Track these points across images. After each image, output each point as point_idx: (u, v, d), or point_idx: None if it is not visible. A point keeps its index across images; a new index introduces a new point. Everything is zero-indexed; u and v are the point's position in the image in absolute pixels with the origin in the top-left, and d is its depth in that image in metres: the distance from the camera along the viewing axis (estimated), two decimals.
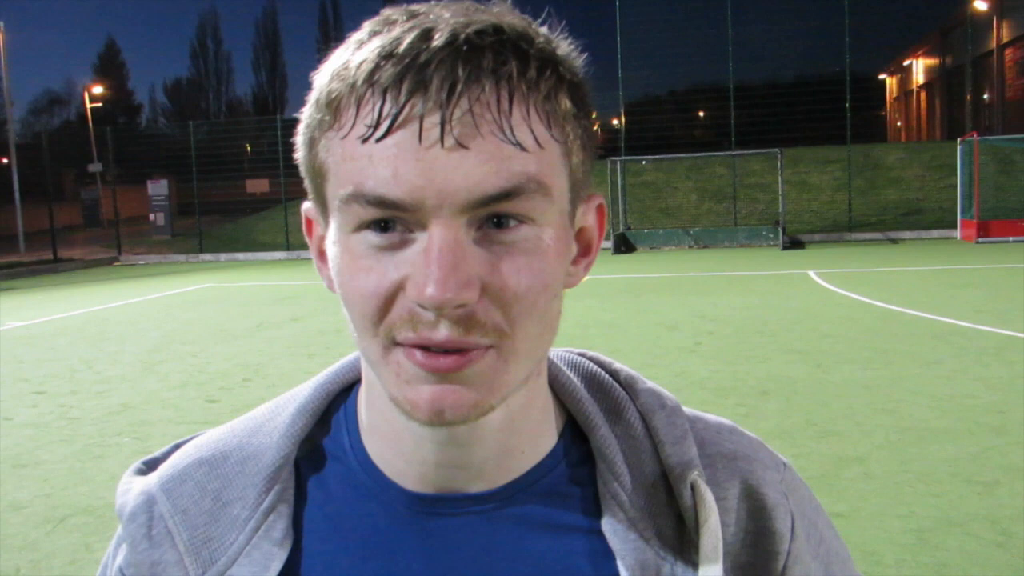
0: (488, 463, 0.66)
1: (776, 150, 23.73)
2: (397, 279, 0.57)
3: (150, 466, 0.76)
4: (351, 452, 0.70)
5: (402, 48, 0.56)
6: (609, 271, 18.04)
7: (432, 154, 0.55)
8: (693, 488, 0.68)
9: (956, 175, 22.95)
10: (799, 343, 9.07)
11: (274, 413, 0.73)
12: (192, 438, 0.76)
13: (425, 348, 0.57)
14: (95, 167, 35.29)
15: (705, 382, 7.49)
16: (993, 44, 38.33)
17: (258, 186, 32.13)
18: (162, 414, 7.19)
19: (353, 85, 0.57)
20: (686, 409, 0.75)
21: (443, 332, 0.57)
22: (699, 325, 10.52)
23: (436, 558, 0.66)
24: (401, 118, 0.55)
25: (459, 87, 0.55)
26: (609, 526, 0.67)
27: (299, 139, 0.62)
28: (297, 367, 8.84)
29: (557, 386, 0.72)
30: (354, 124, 0.57)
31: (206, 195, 30.70)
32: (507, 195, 0.56)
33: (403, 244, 0.57)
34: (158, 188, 31.87)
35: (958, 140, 23.57)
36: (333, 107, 0.58)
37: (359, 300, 0.58)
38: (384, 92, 0.56)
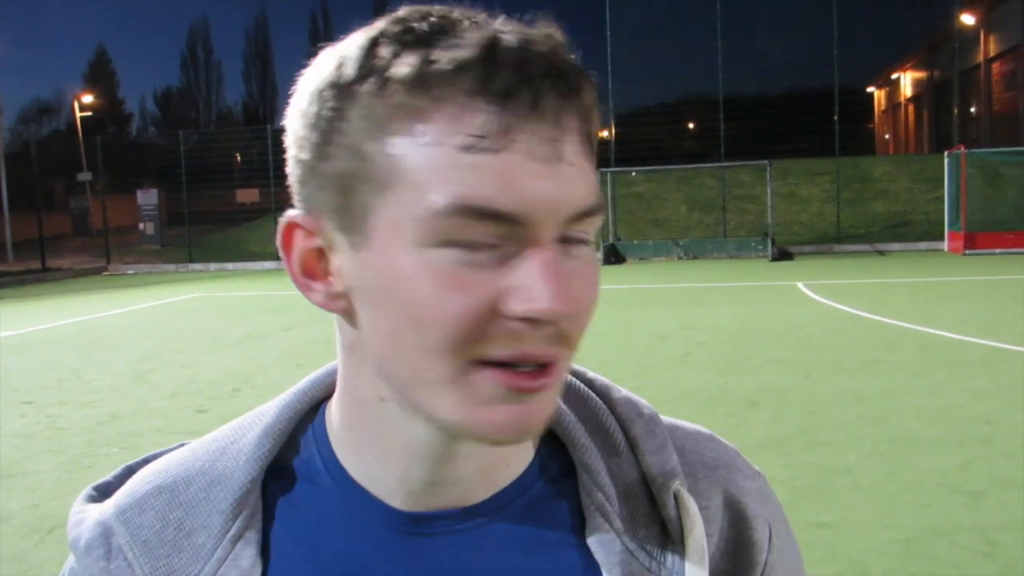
0: (475, 477, 0.65)
1: (765, 162, 23.85)
2: (494, 294, 0.54)
3: (102, 492, 0.72)
4: (325, 471, 0.67)
5: (506, 56, 0.53)
6: (599, 282, 18.07)
7: (541, 169, 0.54)
8: (676, 498, 0.67)
9: (944, 187, 23.10)
10: (788, 354, 9.10)
11: (238, 435, 0.69)
12: (146, 460, 0.72)
13: (510, 367, 0.56)
14: (84, 176, 35.16)
15: (695, 393, 7.51)
16: (980, 58, 38.64)
17: (248, 195, 32.10)
18: (151, 424, 7.16)
19: (447, 89, 0.53)
20: (662, 417, 0.74)
21: (540, 347, 0.56)
22: (689, 336, 10.55)
23: None
24: (515, 131, 0.53)
25: (561, 102, 0.55)
26: (594, 538, 0.66)
27: (313, 141, 0.57)
28: (287, 377, 8.83)
29: None
30: (453, 132, 0.53)
31: (196, 204, 30.64)
32: (592, 211, 0.57)
33: (497, 260, 0.55)
34: (148, 197, 31.79)
35: (945, 153, 23.74)
36: (409, 111, 0.54)
37: (448, 319, 0.54)
38: (498, 102, 0.53)
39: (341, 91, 0.56)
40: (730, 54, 29.82)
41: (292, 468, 0.68)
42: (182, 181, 29.44)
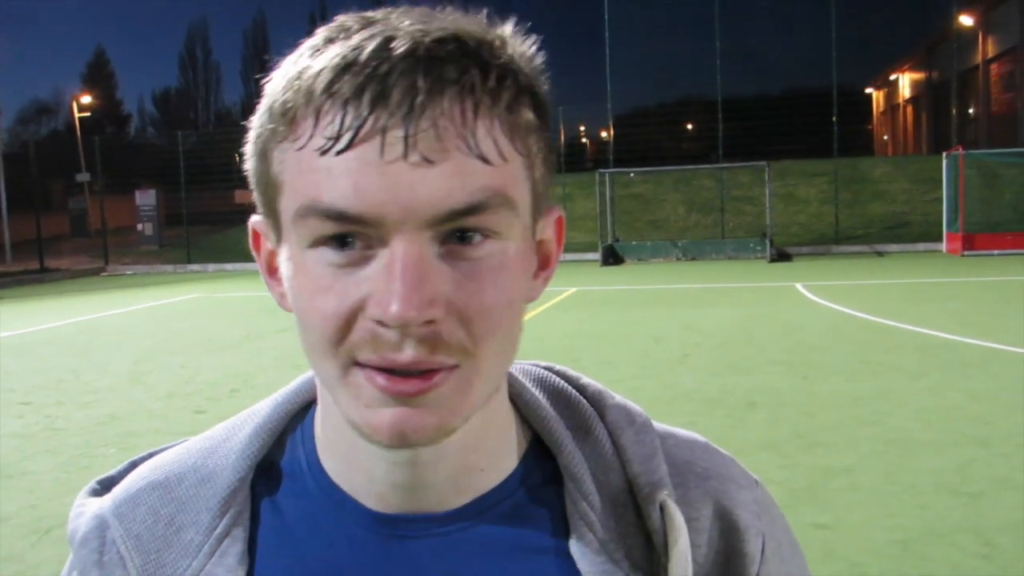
0: (447, 483, 0.64)
1: (763, 163, 23.88)
2: (358, 298, 0.55)
3: (105, 486, 0.73)
4: (308, 473, 0.68)
5: (363, 57, 0.54)
6: (597, 283, 18.08)
7: (395, 168, 0.53)
8: (662, 508, 0.66)
9: (942, 188, 23.13)
10: (786, 355, 9.11)
11: (231, 433, 0.71)
12: (149, 455, 0.73)
13: (388, 371, 0.55)
14: (83, 177, 35.15)
15: (693, 394, 7.51)
16: (979, 59, 38.70)
17: (246, 196, 30.93)
18: (149, 424, 7.16)
19: (311, 95, 0.54)
20: (657, 425, 0.72)
21: (408, 353, 0.54)
22: (687, 337, 10.56)
23: None
24: (364, 131, 0.53)
25: (421, 99, 0.53)
26: (577, 548, 0.65)
27: (249, 149, 0.60)
28: (285, 378, 8.76)
29: (521, 403, 0.69)
30: (312, 136, 0.55)
31: (194, 205, 30.64)
32: (473, 209, 0.54)
33: (363, 261, 0.55)
34: (146, 198, 31.80)
35: (944, 154, 23.77)
36: (289, 117, 0.56)
37: (318, 321, 0.56)
38: (345, 103, 0.53)
39: (263, 100, 0.59)
40: (728, 55, 29.88)
41: (279, 468, 0.69)
42: (180, 182, 29.43)
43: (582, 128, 43.83)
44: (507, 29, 0.61)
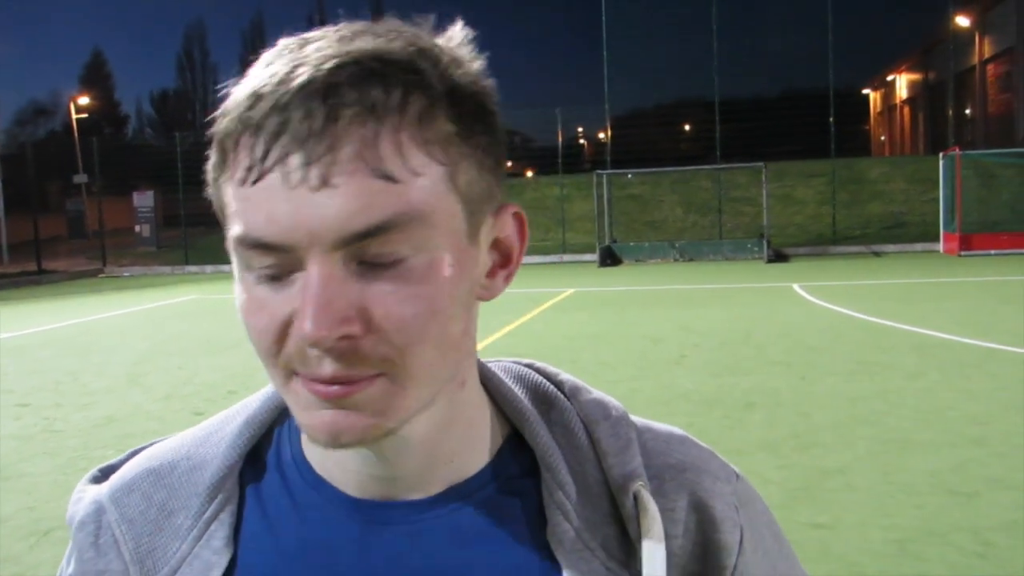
0: (418, 473, 0.66)
1: (761, 164, 23.91)
2: (286, 316, 0.58)
3: (106, 473, 0.76)
4: (292, 463, 0.70)
5: (268, 88, 0.56)
6: (595, 284, 18.09)
7: (299, 195, 0.55)
8: (636, 499, 0.67)
9: (939, 189, 23.18)
10: (783, 356, 9.13)
11: (223, 424, 0.74)
12: (150, 444, 0.77)
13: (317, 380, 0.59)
14: (80, 178, 35.15)
15: (690, 394, 7.52)
16: (975, 59, 38.76)
17: None
18: (147, 426, 7.17)
19: (231, 126, 0.57)
20: (636, 419, 0.74)
21: (327, 369, 0.57)
22: (684, 338, 10.57)
23: (376, 568, 0.66)
24: (269, 161, 0.55)
25: (318, 124, 0.55)
26: (555, 537, 0.66)
27: (208, 176, 0.63)
28: None
29: (499, 397, 0.71)
30: (236, 167, 0.57)
31: (192, 207, 30.57)
32: (377, 230, 0.55)
33: (290, 283, 0.57)
34: (144, 199, 31.80)
35: (941, 154, 23.82)
36: (220, 148, 0.59)
37: (255, 336, 0.59)
38: (254, 134, 0.56)
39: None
40: (726, 56, 29.93)
41: (266, 458, 0.72)
42: (178, 183, 29.43)
43: (580, 129, 43.87)
44: (453, 34, 0.62)
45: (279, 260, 0.57)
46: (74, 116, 48.17)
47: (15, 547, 4.72)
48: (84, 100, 51.29)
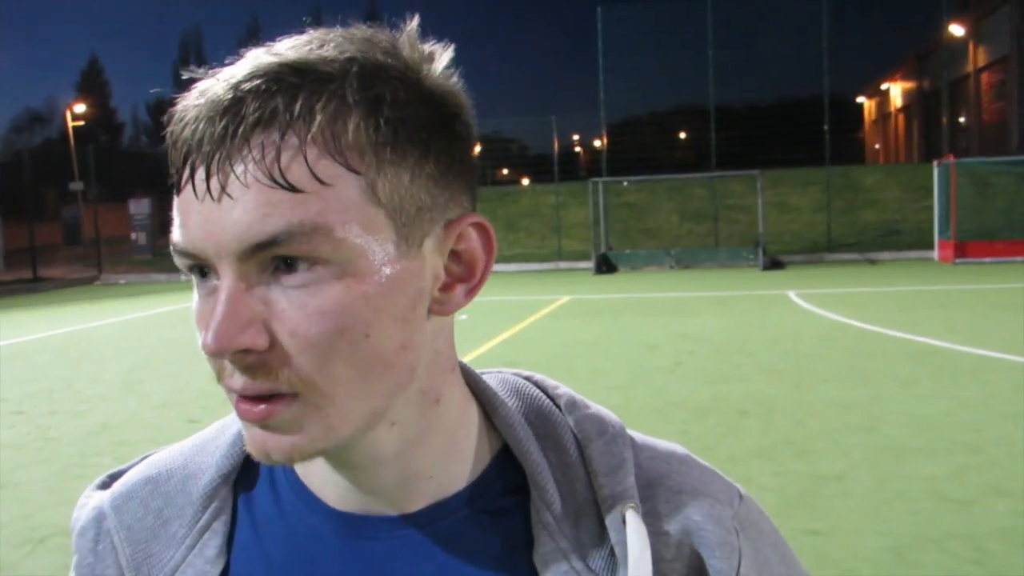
0: (397, 488, 0.66)
1: (756, 171, 23.95)
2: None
3: (113, 479, 0.77)
4: (282, 473, 0.70)
5: (191, 102, 0.58)
6: (591, 291, 18.11)
7: (207, 206, 0.56)
8: (625, 520, 0.65)
9: (933, 197, 23.22)
10: (778, 363, 9.14)
11: (219, 432, 0.74)
12: (154, 452, 0.77)
13: (242, 396, 0.59)
14: (76, 186, 35.08)
15: (685, 402, 7.53)
16: (970, 68, 38.90)
17: None
18: (142, 434, 7.16)
19: (167, 140, 0.59)
20: (638, 436, 0.72)
21: (238, 381, 0.58)
22: (679, 345, 10.58)
23: None
24: (184, 175, 0.57)
25: (221, 136, 0.55)
26: (540, 556, 0.65)
27: None
28: None
29: (490, 410, 0.70)
30: (171, 178, 0.60)
31: None
32: (276, 241, 0.55)
33: (214, 291, 0.58)
34: (140, 207, 31.77)
35: (935, 162, 23.87)
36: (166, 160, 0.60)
37: (201, 350, 0.60)
38: (175, 147, 0.58)
39: None
40: (721, 64, 29.97)
41: (259, 468, 0.72)
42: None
43: (575, 137, 43.92)
44: (407, 30, 0.62)
45: (203, 269, 0.59)
46: (70, 123, 48.13)
47: (10, 555, 4.71)
48: (80, 108, 51.27)
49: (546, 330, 12.46)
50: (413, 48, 0.61)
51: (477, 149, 0.66)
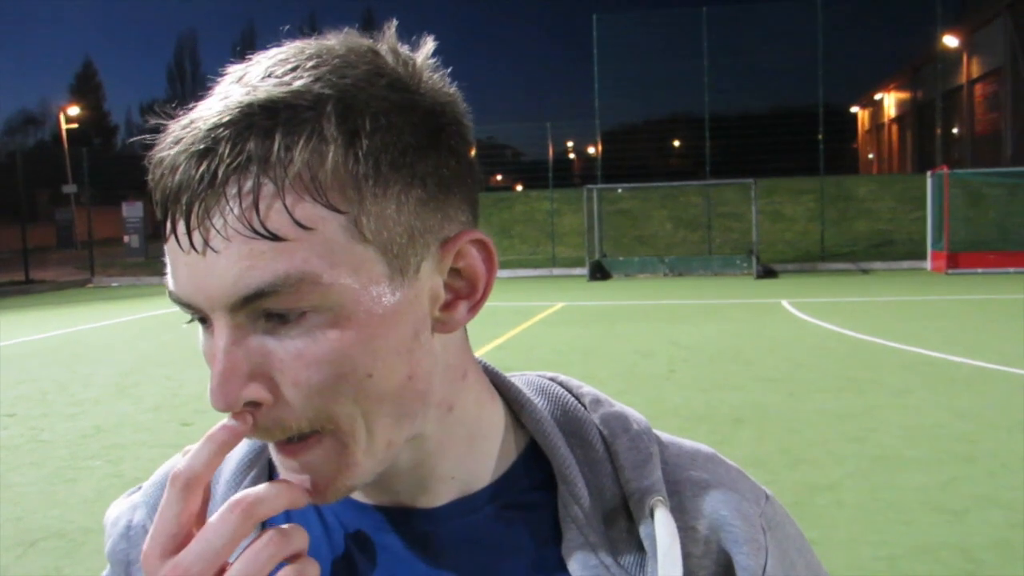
0: (421, 487, 0.66)
1: (750, 180, 24.01)
2: None
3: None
4: None
5: (165, 148, 0.56)
6: (584, 298, 18.12)
7: (192, 259, 0.55)
8: (653, 514, 0.65)
9: (926, 207, 23.31)
10: (772, 371, 9.15)
11: None
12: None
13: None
14: (69, 188, 35.01)
15: (679, 409, 7.54)
16: (963, 79, 39.11)
17: None
18: (135, 437, 7.13)
19: (149, 183, 0.57)
20: (663, 434, 0.73)
21: (260, 433, 0.58)
22: (673, 352, 10.59)
23: (384, 573, 0.66)
24: (167, 227, 0.56)
25: (197, 187, 0.54)
26: (569, 550, 0.65)
27: None
28: None
29: (517, 408, 0.70)
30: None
31: None
32: (264, 293, 0.54)
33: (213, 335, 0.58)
34: (133, 210, 31.69)
35: (928, 173, 23.96)
36: None
37: None
38: (156, 194, 0.56)
39: None
40: (716, 73, 30.06)
41: None
42: None
43: (570, 144, 43.94)
44: (386, 37, 0.60)
45: (199, 315, 0.58)
46: (64, 126, 48.03)
47: (2, 558, 4.68)
48: (74, 110, 51.17)
49: (540, 336, 12.46)
50: (396, 56, 0.60)
51: (472, 154, 0.64)
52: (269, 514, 0.57)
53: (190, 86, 77.33)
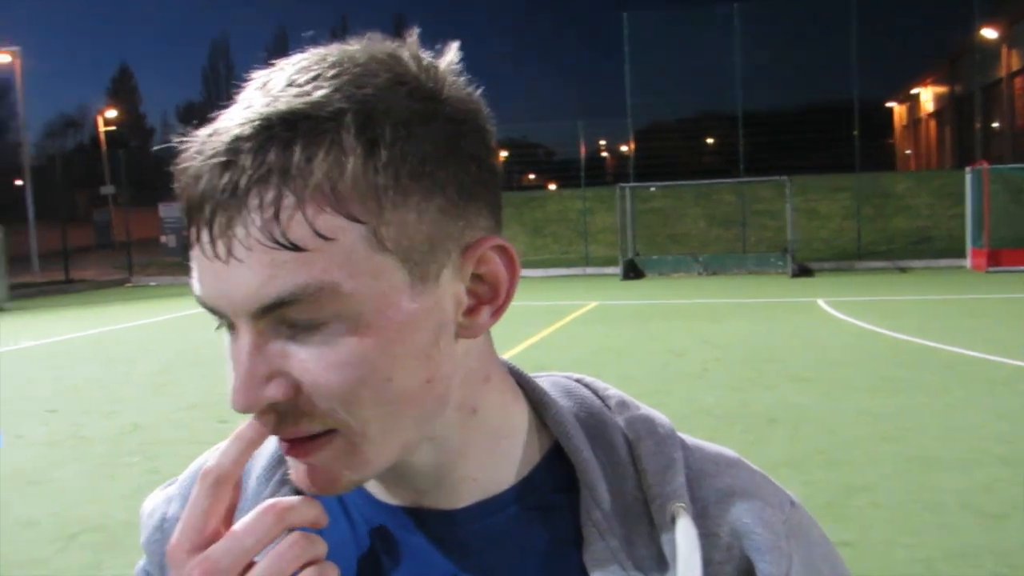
0: (440, 489, 0.67)
1: (784, 177, 23.79)
2: None
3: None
4: None
5: (191, 156, 0.57)
6: (618, 297, 18.07)
7: (216, 267, 0.56)
8: (675, 520, 0.65)
9: (966, 204, 22.95)
10: (807, 371, 9.07)
11: None
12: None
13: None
14: (107, 189, 35.55)
15: (712, 409, 7.50)
16: (1003, 72, 38.44)
17: None
18: (172, 434, 7.23)
19: (175, 189, 0.58)
20: (687, 438, 0.73)
21: (282, 427, 0.59)
22: (707, 352, 10.53)
23: (407, 574, 0.67)
24: (193, 235, 0.57)
25: (221, 199, 0.54)
26: (590, 556, 0.65)
27: None
28: None
29: (541, 409, 0.70)
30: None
31: None
32: (284, 302, 0.55)
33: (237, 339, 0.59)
34: (169, 210, 32.06)
35: (967, 169, 23.59)
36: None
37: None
38: (182, 202, 0.57)
39: None
40: (749, 69, 29.82)
41: None
42: None
43: (602, 142, 43.83)
44: (408, 43, 0.60)
45: (224, 319, 0.59)
46: (102, 129, 48.77)
47: (43, 551, 4.78)
48: (111, 113, 51.94)
49: (573, 336, 12.44)
50: (418, 63, 0.60)
51: (503, 155, 0.64)
52: (298, 523, 0.59)
53: (224, 88, 78.19)
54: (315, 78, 0.57)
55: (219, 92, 78.13)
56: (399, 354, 0.58)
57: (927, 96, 52.65)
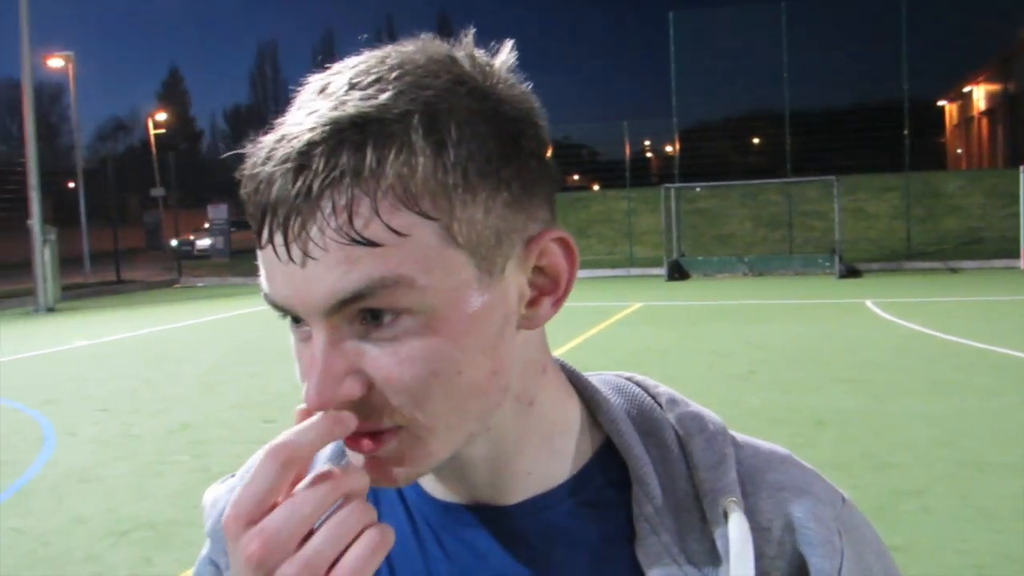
0: (497, 483, 0.68)
1: (832, 177, 23.45)
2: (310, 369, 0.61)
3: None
4: None
5: (258, 163, 0.58)
6: (663, 298, 17.96)
7: (289, 268, 0.57)
8: (727, 515, 0.66)
9: (1019, 203, 22.43)
10: (855, 373, 8.94)
11: None
12: None
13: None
14: (157, 192, 36.18)
15: (758, 411, 7.42)
16: None
17: None
18: (220, 433, 7.34)
19: (241, 195, 0.60)
20: (739, 435, 0.73)
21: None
22: (753, 354, 10.42)
23: (464, 569, 0.68)
24: (263, 235, 0.58)
25: (297, 201, 0.56)
26: (643, 551, 0.65)
27: None
28: None
29: (593, 406, 0.71)
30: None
31: None
32: (360, 296, 0.56)
33: (309, 336, 0.61)
34: (218, 212, 32.61)
35: (1021, 168, 23.07)
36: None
37: (301, 381, 0.62)
38: (252, 207, 0.59)
39: None
40: (796, 67, 29.43)
41: None
42: None
43: (647, 143, 43.56)
44: (464, 43, 0.62)
45: (291, 318, 0.61)
46: (152, 132, 49.66)
47: (95, 547, 4.87)
48: (161, 116, 52.88)
49: (618, 337, 12.40)
50: (473, 63, 0.61)
51: (549, 153, 0.66)
52: (355, 490, 0.59)
53: (271, 91, 79.21)
54: (377, 80, 0.58)
55: (266, 95, 79.28)
56: (469, 347, 0.60)
57: (979, 94, 51.56)
